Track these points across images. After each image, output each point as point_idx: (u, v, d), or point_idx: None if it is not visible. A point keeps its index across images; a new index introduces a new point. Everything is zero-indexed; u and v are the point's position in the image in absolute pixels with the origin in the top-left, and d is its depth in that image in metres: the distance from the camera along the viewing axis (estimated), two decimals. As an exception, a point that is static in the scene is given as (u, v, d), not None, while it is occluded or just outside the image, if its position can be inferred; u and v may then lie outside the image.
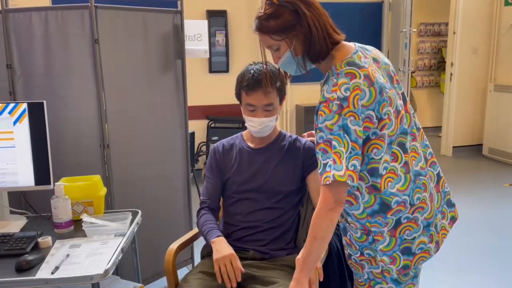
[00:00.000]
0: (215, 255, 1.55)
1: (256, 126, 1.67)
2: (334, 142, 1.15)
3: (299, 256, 1.28)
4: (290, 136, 1.79)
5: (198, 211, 1.78)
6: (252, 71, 1.64)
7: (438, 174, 1.42)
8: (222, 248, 1.57)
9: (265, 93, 1.62)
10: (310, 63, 1.29)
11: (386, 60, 1.35)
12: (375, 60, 1.29)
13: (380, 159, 1.22)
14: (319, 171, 1.18)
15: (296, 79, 1.50)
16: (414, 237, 1.30)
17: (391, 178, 1.25)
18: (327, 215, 1.19)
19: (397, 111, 1.26)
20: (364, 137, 1.19)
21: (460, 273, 2.75)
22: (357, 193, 1.28)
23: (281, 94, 1.68)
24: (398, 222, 1.29)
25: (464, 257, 2.95)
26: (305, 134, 1.82)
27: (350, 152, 1.15)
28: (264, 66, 1.58)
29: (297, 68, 1.30)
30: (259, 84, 1.61)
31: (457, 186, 4.35)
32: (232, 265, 1.52)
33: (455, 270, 2.78)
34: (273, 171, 1.71)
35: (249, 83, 1.62)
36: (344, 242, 1.43)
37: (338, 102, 1.15)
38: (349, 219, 1.36)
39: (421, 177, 1.31)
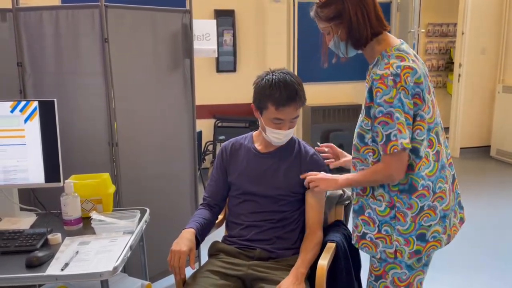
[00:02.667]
0: (173, 245, 1.59)
1: (282, 138, 1.68)
2: (396, 114, 1.28)
3: (343, 176, 1.49)
4: (299, 144, 1.78)
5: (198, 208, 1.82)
6: (281, 84, 1.59)
7: (453, 175, 1.50)
8: (181, 241, 1.59)
9: (296, 108, 1.63)
10: (354, 50, 1.43)
11: (422, 61, 1.45)
12: (415, 56, 1.41)
13: (422, 140, 1.34)
14: (382, 142, 1.31)
15: (303, 79, 1.52)
16: (431, 225, 1.39)
17: (424, 163, 1.36)
18: (382, 176, 1.35)
19: (434, 103, 1.39)
20: (414, 110, 1.31)
21: (468, 274, 2.74)
22: None
23: (303, 104, 1.68)
24: (421, 210, 1.38)
25: (471, 258, 2.94)
26: (324, 146, 1.79)
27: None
28: (284, 75, 1.61)
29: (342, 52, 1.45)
30: (291, 99, 1.60)
31: (464, 187, 4.33)
32: (179, 261, 1.54)
33: (463, 271, 2.77)
34: (278, 177, 1.71)
35: (282, 98, 1.59)
36: (358, 222, 1.48)
37: (392, 78, 1.28)
38: (379, 191, 1.41)
39: (445, 169, 1.42)
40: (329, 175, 1.56)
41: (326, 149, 1.78)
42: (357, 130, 1.45)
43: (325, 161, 1.76)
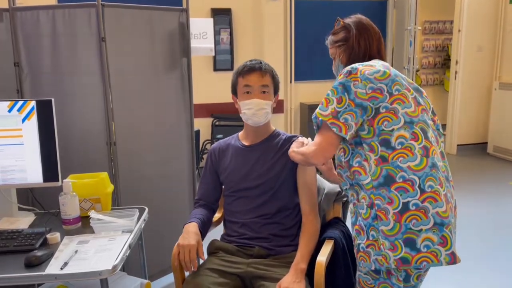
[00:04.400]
0: (180, 240, 1.64)
1: (253, 107, 1.70)
2: (329, 92, 1.39)
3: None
4: (285, 134, 1.82)
5: (193, 208, 1.85)
6: (247, 62, 1.75)
7: (455, 200, 1.44)
8: (188, 236, 1.64)
9: (261, 74, 1.71)
10: None
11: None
12: (388, 67, 1.46)
13: (392, 131, 1.34)
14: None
15: (300, 77, 1.58)
16: (421, 230, 1.29)
17: (404, 154, 1.33)
18: (306, 148, 1.45)
19: (417, 102, 1.40)
20: (374, 106, 1.35)
21: (465, 271, 2.75)
22: (366, 163, 1.36)
23: (275, 82, 1.76)
24: (405, 207, 1.30)
25: (468, 255, 2.95)
26: None
27: (346, 108, 1.35)
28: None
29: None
30: (255, 66, 1.72)
31: (461, 185, 4.35)
32: (190, 255, 1.59)
33: (460, 268, 2.78)
34: (266, 167, 1.73)
35: (246, 68, 1.72)
36: (354, 235, 1.46)
37: (349, 69, 1.39)
38: (361, 194, 1.40)
39: (438, 170, 1.35)
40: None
41: None
42: None
43: None
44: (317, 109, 1.39)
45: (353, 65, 1.40)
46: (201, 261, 1.67)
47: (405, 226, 1.30)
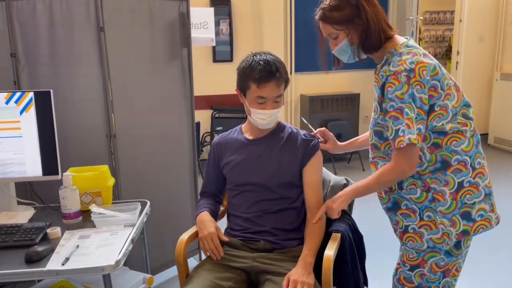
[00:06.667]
0: (199, 233, 1.67)
1: (267, 118, 1.64)
2: (406, 110, 1.29)
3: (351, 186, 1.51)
4: (290, 128, 1.78)
5: (198, 200, 1.83)
6: (261, 63, 1.59)
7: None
8: (204, 226, 1.66)
9: (277, 84, 1.61)
10: (362, 55, 1.44)
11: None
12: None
13: (442, 125, 1.35)
14: (391, 136, 1.32)
15: (300, 69, 1.49)
16: (474, 202, 1.38)
17: (457, 138, 1.37)
18: (395, 175, 1.35)
19: (457, 86, 1.40)
20: (429, 104, 1.32)
21: (465, 263, 2.74)
22: (420, 153, 1.37)
23: (287, 84, 1.68)
24: (460, 186, 1.37)
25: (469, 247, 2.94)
26: (317, 131, 1.81)
27: (416, 118, 1.30)
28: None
29: (350, 56, 1.44)
30: (271, 75, 1.58)
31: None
32: (213, 243, 1.62)
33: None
34: (270, 161, 1.69)
35: (262, 75, 1.57)
36: (397, 218, 1.47)
37: (406, 74, 1.29)
38: (408, 181, 1.41)
39: (480, 145, 1.42)
40: (334, 197, 1.54)
41: (318, 135, 1.80)
42: (373, 129, 1.44)
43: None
44: (408, 135, 1.28)
45: (406, 65, 1.29)
46: (195, 263, 1.64)
47: (461, 202, 1.37)
